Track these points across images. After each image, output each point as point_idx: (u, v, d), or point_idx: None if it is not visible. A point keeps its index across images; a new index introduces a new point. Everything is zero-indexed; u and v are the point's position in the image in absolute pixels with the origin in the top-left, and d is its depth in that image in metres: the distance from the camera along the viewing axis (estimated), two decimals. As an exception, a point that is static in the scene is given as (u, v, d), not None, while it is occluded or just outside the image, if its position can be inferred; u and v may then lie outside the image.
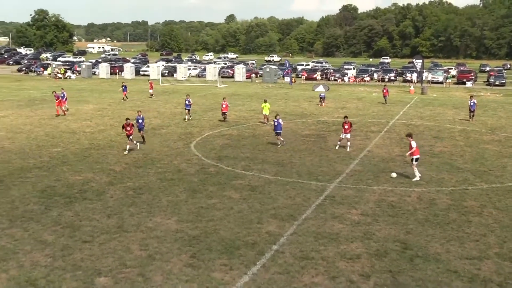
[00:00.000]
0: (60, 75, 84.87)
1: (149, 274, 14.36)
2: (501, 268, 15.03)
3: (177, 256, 15.53)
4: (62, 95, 44.58)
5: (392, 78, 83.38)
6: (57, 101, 43.22)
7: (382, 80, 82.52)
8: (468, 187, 23.26)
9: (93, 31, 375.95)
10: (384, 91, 53.58)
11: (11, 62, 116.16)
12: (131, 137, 29.37)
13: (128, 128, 29.28)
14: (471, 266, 15.09)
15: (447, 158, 28.82)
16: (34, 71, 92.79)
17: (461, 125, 39.82)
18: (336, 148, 30.43)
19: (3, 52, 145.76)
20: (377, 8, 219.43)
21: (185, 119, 40.81)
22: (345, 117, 31.13)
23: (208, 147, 30.70)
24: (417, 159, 24.32)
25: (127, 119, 29.80)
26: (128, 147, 29.21)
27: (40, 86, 69.42)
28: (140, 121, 31.73)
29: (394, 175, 24.48)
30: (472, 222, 18.80)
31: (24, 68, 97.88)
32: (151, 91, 58.02)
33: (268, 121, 38.28)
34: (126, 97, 54.36)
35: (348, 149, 30.01)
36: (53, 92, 45.47)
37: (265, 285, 13.77)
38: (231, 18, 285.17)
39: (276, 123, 31.02)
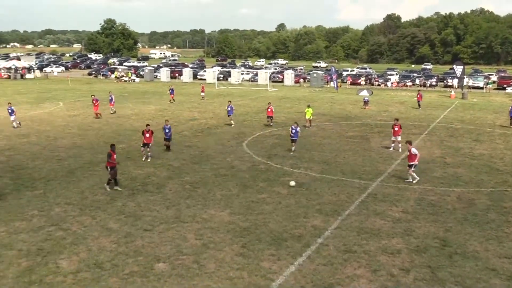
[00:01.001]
0: (125, 78, 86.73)
1: (203, 261, 14.51)
2: (539, 267, 14.50)
3: (229, 246, 15.63)
4: (110, 98, 44.98)
5: (434, 83, 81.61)
6: (95, 104, 41.82)
7: (424, 85, 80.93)
8: (507, 188, 22.48)
9: (155, 39, 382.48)
10: (418, 96, 52.37)
11: (83, 67, 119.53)
12: (150, 145, 26.57)
13: (148, 135, 26.31)
14: (510, 265, 14.61)
15: (486, 160, 27.98)
16: (103, 74, 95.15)
17: (501, 129, 38.54)
18: (390, 150, 29.75)
19: (76, 58, 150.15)
20: (420, 17, 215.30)
21: (231, 124, 38.33)
22: (396, 119, 30.51)
23: (259, 146, 30.75)
24: (414, 166, 22.92)
25: (147, 125, 27.46)
26: (148, 154, 26.72)
27: (107, 88, 71.02)
28: (167, 130, 28.67)
29: (292, 183, 22.32)
30: (511, 222, 18.20)
31: (93, 72, 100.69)
32: (202, 94, 58.53)
33: (310, 125, 37.85)
34: (173, 99, 54.19)
35: (399, 150, 29.29)
36: (92, 95, 44.45)
37: (310, 276, 13.70)
38: (281, 27, 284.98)
39: (293, 131, 29.35)
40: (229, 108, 38.60)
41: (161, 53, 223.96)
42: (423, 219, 18.38)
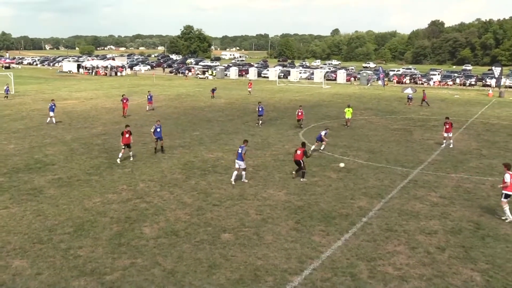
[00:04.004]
0: (201, 76, 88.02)
1: (262, 233, 14.61)
2: None
3: (285, 221, 15.66)
4: (149, 96, 41.88)
5: (473, 83, 78.27)
6: (124, 103, 38.01)
7: (463, 84, 77.69)
8: (538, 179, 21.28)
9: (226, 42, 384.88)
10: (424, 95, 49.75)
11: (165, 66, 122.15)
12: (130, 145, 23.33)
13: (127, 136, 22.99)
14: (538, 248, 13.89)
15: (520, 153, 26.59)
16: (182, 72, 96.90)
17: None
18: (443, 146, 27.73)
19: (159, 58, 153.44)
20: (461, 23, 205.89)
21: (257, 124, 34.41)
22: (447, 117, 28.35)
23: (313, 136, 30.45)
24: (508, 196, 16.23)
25: (127, 125, 24.20)
26: (130, 154, 23.63)
27: (185, 84, 72.45)
28: (158, 129, 24.71)
29: (342, 165, 22.19)
30: (541, 209, 17.25)
31: (174, 70, 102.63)
32: (249, 89, 58.34)
33: (349, 125, 34.32)
34: (214, 96, 52.54)
35: (451, 146, 27.64)
36: (123, 95, 40.50)
37: (355, 250, 13.54)
38: (335, 31, 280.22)
39: (260, 109, 31.38)
40: (260, 109, 34.42)
41: (231, 55, 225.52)
42: (459, 204, 17.74)
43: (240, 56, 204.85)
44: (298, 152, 20.41)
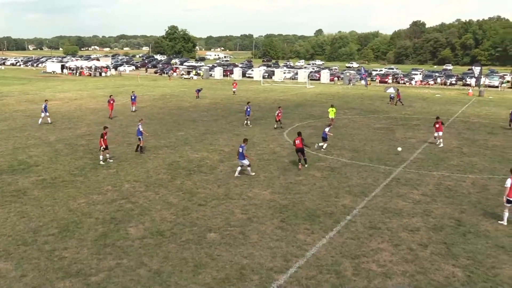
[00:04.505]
0: (186, 76, 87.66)
1: (248, 233, 14.61)
2: (545, 247, 13.96)
3: (270, 220, 15.68)
4: (133, 97, 41.27)
5: (453, 82, 79.34)
6: (110, 104, 37.24)
7: (444, 83, 78.65)
8: (517, 176, 21.65)
9: (211, 42, 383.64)
10: (398, 93, 50.39)
11: (150, 66, 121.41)
12: (104, 148, 22.66)
13: (105, 138, 22.69)
14: (517, 243, 14.13)
15: (499, 151, 27.00)
16: (166, 73, 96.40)
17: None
18: (440, 145, 27.77)
19: (144, 58, 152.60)
20: (442, 23, 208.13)
21: (245, 123, 34.27)
22: (437, 117, 28.84)
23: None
24: (510, 202, 15.57)
25: (105, 127, 23.98)
26: (107, 156, 23.09)
27: (170, 84, 72.09)
28: (141, 128, 25.06)
29: (399, 149, 23.92)
30: (520, 206, 17.54)
31: (158, 71, 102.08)
32: (234, 89, 58.32)
33: (333, 124, 32.60)
34: (198, 96, 52.08)
35: (441, 145, 27.75)
36: (110, 95, 39.37)
37: (339, 248, 13.62)
38: (319, 32, 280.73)
39: (248, 109, 33.86)
40: (248, 109, 34.31)
41: (215, 55, 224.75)
42: (441, 201, 17.95)
43: (225, 56, 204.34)
44: (297, 141, 22.05)
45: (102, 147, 22.73)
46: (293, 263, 12.59)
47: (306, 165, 22.44)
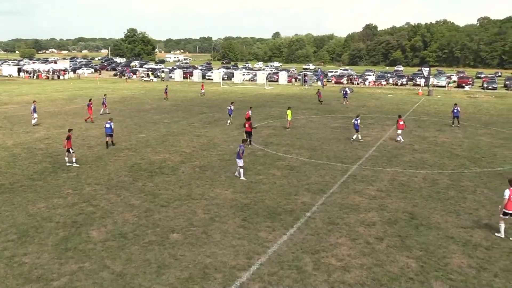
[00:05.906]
0: (146, 78, 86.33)
1: (211, 232, 14.55)
2: (489, 236, 14.59)
3: (232, 219, 15.67)
4: (103, 100, 40.61)
5: (404, 82, 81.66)
6: (89, 108, 35.91)
7: (396, 84, 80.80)
8: (464, 170, 22.56)
9: (170, 45, 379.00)
10: (318, 93, 52.08)
11: (109, 69, 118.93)
12: (71, 150, 22.26)
13: (70, 140, 22.40)
14: (465, 234, 14.69)
15: (448, 147, 28.00)
16: (125, 75, 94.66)
17: (460, 121, 38.43)
18: (400, 141, 28.77)
19: (103, 61, 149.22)
20: (393, 26, 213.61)
21: (227, 122, 35.31)
22: (399, 116, 30.31)
23: (257, 135, 30.67)
24: (506, 214, 14.41)
25: (70, 129, 23.72)
26: (73, 159, 22.38)
27: (129, 87, 70.81)
28: (107, 126, 25.99)
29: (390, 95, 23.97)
30: (467, 198, 18.27)
31: (118, 73, 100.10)
32: (202, 91, 58.25)
33: (289, 126, 33.37)
34: (167, 98, 51.81)
35: (401, 142, 28.71)
36: (90, 99, 37.61)
37: (300, 244, 13.75)
38: (276, 34, 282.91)
39: (230, 108, 34.98)
40: (230, 108, 35.57)
41: (175, 57, 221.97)
42: (395, 196, 18.43)
43: (185, 59, 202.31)
44: (247, 125, 26.69)
45: (67, 149, 22.20)
46: (255, 261, 12.62)
47: (250, 145, 26.27)
